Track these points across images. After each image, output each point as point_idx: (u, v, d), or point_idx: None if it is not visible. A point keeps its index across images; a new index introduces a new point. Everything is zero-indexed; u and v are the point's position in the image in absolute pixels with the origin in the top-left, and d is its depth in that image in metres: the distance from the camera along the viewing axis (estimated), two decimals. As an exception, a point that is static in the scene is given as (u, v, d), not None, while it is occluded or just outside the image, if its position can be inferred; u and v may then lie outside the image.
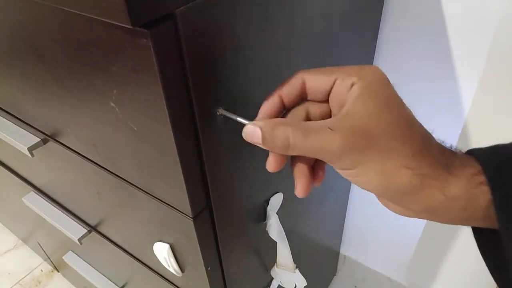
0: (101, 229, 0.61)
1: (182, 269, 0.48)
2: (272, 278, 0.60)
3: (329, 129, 0.25)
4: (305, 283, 0.57)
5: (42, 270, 1.17)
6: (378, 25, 0.62)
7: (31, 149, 0.50)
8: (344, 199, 0.88)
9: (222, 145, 0.36)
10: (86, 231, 0.62)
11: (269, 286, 0.61)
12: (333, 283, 1.08)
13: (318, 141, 0.25)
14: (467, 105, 0.62)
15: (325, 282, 1.05)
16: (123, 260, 0.61)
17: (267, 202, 0.49)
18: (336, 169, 0.27)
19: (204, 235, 0.40)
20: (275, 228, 0.49)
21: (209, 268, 0.43)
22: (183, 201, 0.36)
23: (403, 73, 0.66)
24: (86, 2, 0.24)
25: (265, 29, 0.34)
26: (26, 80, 0.43)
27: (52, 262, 1.12)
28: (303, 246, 0.71)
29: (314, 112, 0.30)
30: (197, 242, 0.40)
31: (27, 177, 0.69)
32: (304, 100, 0.30)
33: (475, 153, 0.26)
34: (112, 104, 0.33)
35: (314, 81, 0.28)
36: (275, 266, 0.56)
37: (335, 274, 1.08)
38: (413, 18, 0.60)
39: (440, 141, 0.26)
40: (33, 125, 0.51)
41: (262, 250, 0.54)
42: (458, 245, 0.80)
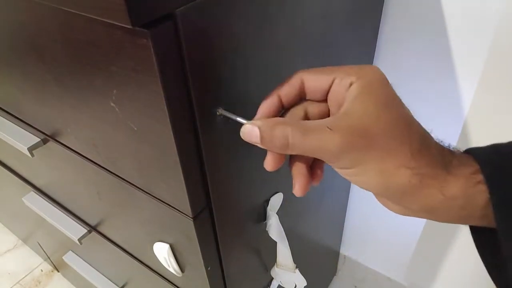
0: (101, 229, 0.61)
1: (182, 269, 0.48)
2: (272, 278, 0.60)
3: (328, 128, 0.25)
4: (305, 283, 0.57)
5: (42, 270, 1.17)
6: (378, 25, 0.62)
7: (31, 149, 0.50)
8: (344, 199, 0.88)
9: (222, 145, 0.36)
10: (86, 231, 0.62)
11: (269, 286, 0.61)
12: (333, 283, 1.08)
13: (316, 141, 0.25)
14: (467, 105, 0.62)
15: (325, 282, 1.05)
16: (123, 260, 0.61)
17: (267, 202, 0.49)
18: (335, 168, 0.27)
19: (204, 235, 0.40)
20: (275, 228, 0.49)
21: (209, 268, 0.43)
22: (183, 201, 0.36)
23: (403, 73, 0.66)
24: (86, 2, 0.24)
25: (265, 29, 0.34)
26: (26, 80, 0.43)
27: (52, 262, 1.12)
28: (303, 246, 0.71)
29: (313, 112, 0.30)
30: (197, 242, 0.40)
31: (27, 177, 0.69)
32: (303, 99, 0.30)
33: (473, 152, 0.26)
34: (112, 104, 0.33)
35: (313, 81, 0.28)
36: (275, 266, 0.56)
37: (335, 274, 1.08)
38: (413, 18, 0.60)
39: (439, 141, 0.26)
40: (33, 125, 0.51)
41: (262, 250, 0.54)
42: (458, 245, 0.80)
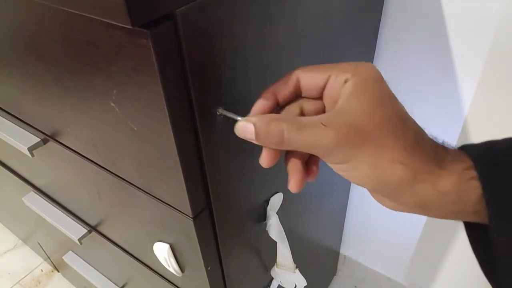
0: (101, 229, 0.61)
1: (182, 269, 0.48)
2: (272, 278, 0.60)
3: (322, 124, 0.25)
4: (305, 283, 0.57)
5: (42, 270, 1.17)
6: (378, 25, 0.62)
7: (31, 149, 0.50)
8: (344, 199, 0.88)
9: (222, 145, 0.36)
10: (86, 231, 0.62)
11: (269, 286, 0.61)
12: (333, 283, 1.08)
13: (311, 136, 0.25)
14: (467, 104, 0.62)
15: (325, 282, 1.05)
16: (123, 260, 0.61)
17: (267, 202, 0.49)
18: (329, 164, 0.27)
19: (204, 235, 0.40)
20: (275, 228, 0.49)
21: (209, 268, 0.43)
22: (183, 201, 0.36)
23: (403, 73, 0.66)
24: (86, 2, 0.24)
25: (265, 29, 0.34)
26: (26, 80, 0.43)
27: (52, 262, 1.12)
28: (303, 246, 0.71)
29: (308, 109, 0.30)
30: (197, 242, 0.40)
31: (27, 177, 0.69)
32: (299, 97, 0.30)
33: (467, 148, 0.26)
34: (112, 104, 0.33)
35: (309, 78, 0.28)
36: (275, 266, 0.56)
37: (335, 274, 1.08)
38: (413, 18, 0.60)
39: (433, 137, 0.27)
40: (33, 125, 0.51)
41: (262, 250, 0.54)
42: (458, 245, 0.80)
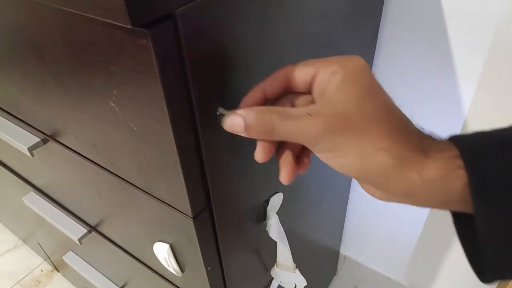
0: (101, 229, 0.61)
1: (182, 269, 0.48)
2: (272, 278, 0.60)
3: (308, 114, 0.26)
4: (305, 283, 0.57)
5: (42, 270, 1.17)
6: (378, 25, 0.62)
7: (31, 149, 0.50)
8: (344, 199, 0.88)
9: (222, 145, 0.36)
10: (86, 231, 0.62)
11: (269, 286, 0.61)
12: (333, 283, 1.08)
13: (298, 126, 0.26)
14: (467, 104, 0.62)
15: (325, 282, 1.05)
16: (123, 260, 0.61)
17: (267, 202, 0.49)
18: (316, 154, 0.28)
19: (204, 235, 0.40)
20: (275, 228, 0.49)
21: (209, 268, 0.43)
22: (183, 201, 0.36)
23: (403, 73, 0.66)
24: (86, 2, 0.24)
25: (265, 29, 0.34)
26: (26, 80, 0.43)
27: (52, 262, 1.12)
28: (303, 246, 0.71)
29: (299, 104, 0.30)
30: (197, 242, 0.40)
31: (27, 177, 0.69)
32: (289, 92, 0.31)
33: (454, 138, 0.26)
34: (112, 104, 0.33)
35: (298, 73, 0.29)
36: (275, 266, 0.56)
37: (335, 274, 1.08)
38: (413, 18, 0.60)
39: (420, 128, 0.27)
40: (33, 125, 0.51)
41: (262, 250, 0.54)
42: (458, 245, 0.79)
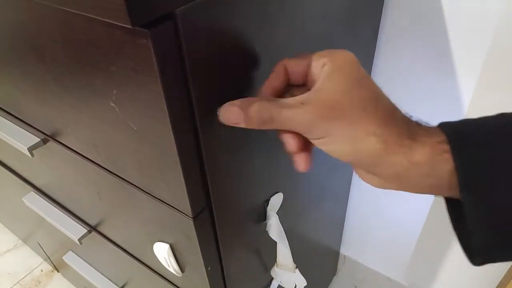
0: (101, 229, 0.61)
1: (182, 269, 0.48)
2: (272, 278, 0.60)
3: (300, 103, 0.28)
4: (305, 283, 0.57)
5: (42, 270, 1.17)
6: (378, 25, 0.62)
7: (31, 149, 0.50)
8: (344, 199, 0.88)
9: (222, 145, 0.36)
10: (86, 231, 0.62)
11: (269, 286, 0.61)
12: (333, 283, 1.08)
13: (291, 114, 0.28)
14: (466, 104, 0.62)
15: (325, 282, 1.05)
16: (123, 260, 0.61)
17: (267, 202, 0.49)
18: (311, 140, 0.30)
19: (204, 235, 0.40)
20: (275, 228, 0.49)
21: (209, 268, 0.43)
22: (183, 201, 0.36)
23: (403, 72, 0.66)
24: (86, 2, 0.24)
25: (265, 29, 0.34)
26: (26, 80, 0.43)
27: (52, 262, 1.12)
28: (303, 246, 0.71)
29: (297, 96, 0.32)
30: (197, 242, 0.40)
31: (27, 177, 0.69)
32: (290, 85, 0.32)
33: (442, 125, 0.27)
34: (112, 104, 0.33)
35: (294, 66, 0.31)
36: (275, 266, 0.56)
37: (335, 274, 1.08)
38: (413, 18, 0.60)
39: (408, 115, 0.28)
40: (33, 125, 0.51)
41: (262, 250, 0.54)
42: (458, 245, 0.79)
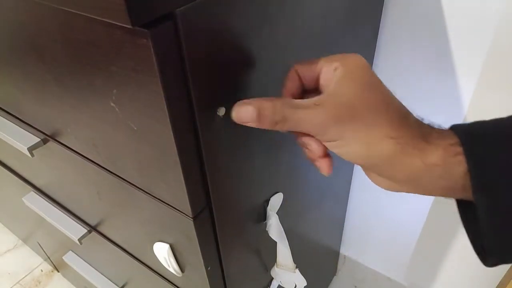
0: (101, 229, 0.61)
1: (182, 269, 0.48)
2: (272, 278, 0.60)
3: (314, 104, 0.28)
4: (305, 283, 0.57)
5: (42, 270, 1.17)
6: (378, 25, 0.62)
7: (31, 149, 0.50)
8: (344, 199, 0.88)
9: (222, 145, 0.36)
10: (86, 231, 0.62)
11: (269, 286, 0.61)
12: (333, 283, 1.08)
13: (305, 115, 0.28)
14: (466, 104, 0.62)
15: (325, 282, 1.05)
16: (123, 260, 0.61)
17: (267, 202, 0.49)
18: (324, 143, 0.29)
19: (204, 235, 0.40)
20: (275, 228, 0.49)
21: (209, 268, 0.43)
22: (183, 201, 0.36)
23: (403, 72, 0.66)
24: (86, 2, 0.24)
25: (265, 29, 0.34)
26: (26, 80, 0.43)
27: (52, 262, 1.12)
28: (303, 246, 0.71)
29: None
30: (197, 242, 0.40)
31: (27, 177, 0.69)
32: (303, 91, 0.32)
33: (454, 127, 0.27)
34: (112, 104, 0.33)
35: (305, 71, 0.31)
36: (275, 266, 0.56)
37: (335, 274, 1.08)
38: (413, 18, 0.60)
39: (419, 118, 0.28)
40: (33, 125, 0.51)
41: (262, 250, 0.54)
42: (458, 245, 0.80)
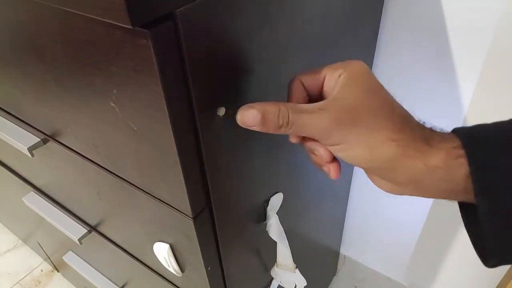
0: (101, 229, 0.61)
1: (182, 269, 0.48)
2: (272, 278, 0.60)
3: (318, 109, 0.28)
4: (305, 283, 0.57)
5: (42, 270, 1.17)
6: (378, 25, 0.62)
7: (31, 149, 0.50)
8: (344, 199, 0.88)
9: (222, 145, 0.36)
10: (86, 231, 0.62)
11: (269, 286, 0.61)
12: (333, 283, 1.08)
13: (310, 119, 0.28)
14: (466, 104, 0.62)
15: (325, 282, 1.05)
16: (123, 260, 0.61)
17: (267, 202, 0.49)
18: (327, 147, 0.30)
19: (204, 235, 0.40)
20: (275, 228, 0.49)
21: (209, 268, 0.43)
22: (183, 201, 0.36)
23: (403, 73, 0.66)
24: (86, 2, 0.24)
25: (265, 29, 0.34)
26: (26, 80, 0.43)
27: (52, 262, 1.12)
28: (303, 246, 0.71)
29: None
30: (197, 242, 0.40)
31: (27, 177, 0.69)
32: (308, 101, 0.32)
33: (456, 130, 0.28)
34: (112, 104, 0.33)
35: (309, 80, 0.32)
36: (275, 266, 0.56)
37: (335, 274, 1.08)
38: (413, 18, 0.60)
39: (421, 121, 0.29)
40: (33, 125, 0.51)
41: (262, 250, 0.54)
42: (458, 245, 0.80)
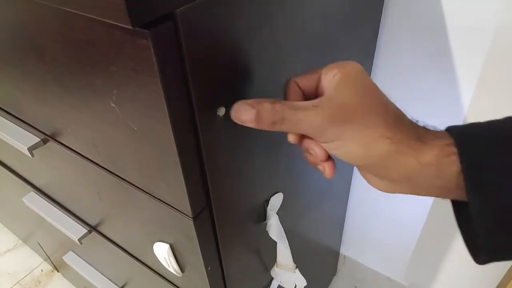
0: (101, 229, 0.61)
1: (182, 269, 0.48)
2: (272, 278, 0.60)
3: (313, 106, 0.29)
4: (305, 283, 0.57)
5: (42, 270, 1.17)
6: (378, 25, 0.62)
7: (31, 149, 0.50)
8: (344, 199, 0.88)
9: (222, 145, 0.36)
10: (86, 231, 0.62)
11: (269, 286, 0.61)
12: (333, 283, 1.08)
13: (304, 116, 0.29)
14: (466, 104, 0.62)
15: (325, 282, 1.05)
16: (123, 260, 0.61)
17: (267, 202, 0.49)
18: (322, 144, 0.30)
19: (204, 235, 0.40)
20: (275, 228, 0.49)
21: (209, 268, 0.43)
22: (183, 201, 0.36)
23: (403, 73, 0.66)
24: (86, 2, 0.24)
25: (265, 29, 0.34)
26: (26, 80, 0.43)
27: (52, 262, 1.12)
28: (303, 246, 0.71)
29: None
30: (197, 242, 0.40)
31: (27, 177, 0.69)
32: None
33: (449, 128, 0.28)
34: (112, 104, 0.33)
35: (304, 81, 0.32)
36: (275, 266, 0.56)
37: (335, 274, 1.08)
38: (413, 18, 0.60)
39: (414, 120, 0.29)
40: (33, 125, 0.51)
41: (262, 250, 0.54)
42: (458, 245, 0.80)
